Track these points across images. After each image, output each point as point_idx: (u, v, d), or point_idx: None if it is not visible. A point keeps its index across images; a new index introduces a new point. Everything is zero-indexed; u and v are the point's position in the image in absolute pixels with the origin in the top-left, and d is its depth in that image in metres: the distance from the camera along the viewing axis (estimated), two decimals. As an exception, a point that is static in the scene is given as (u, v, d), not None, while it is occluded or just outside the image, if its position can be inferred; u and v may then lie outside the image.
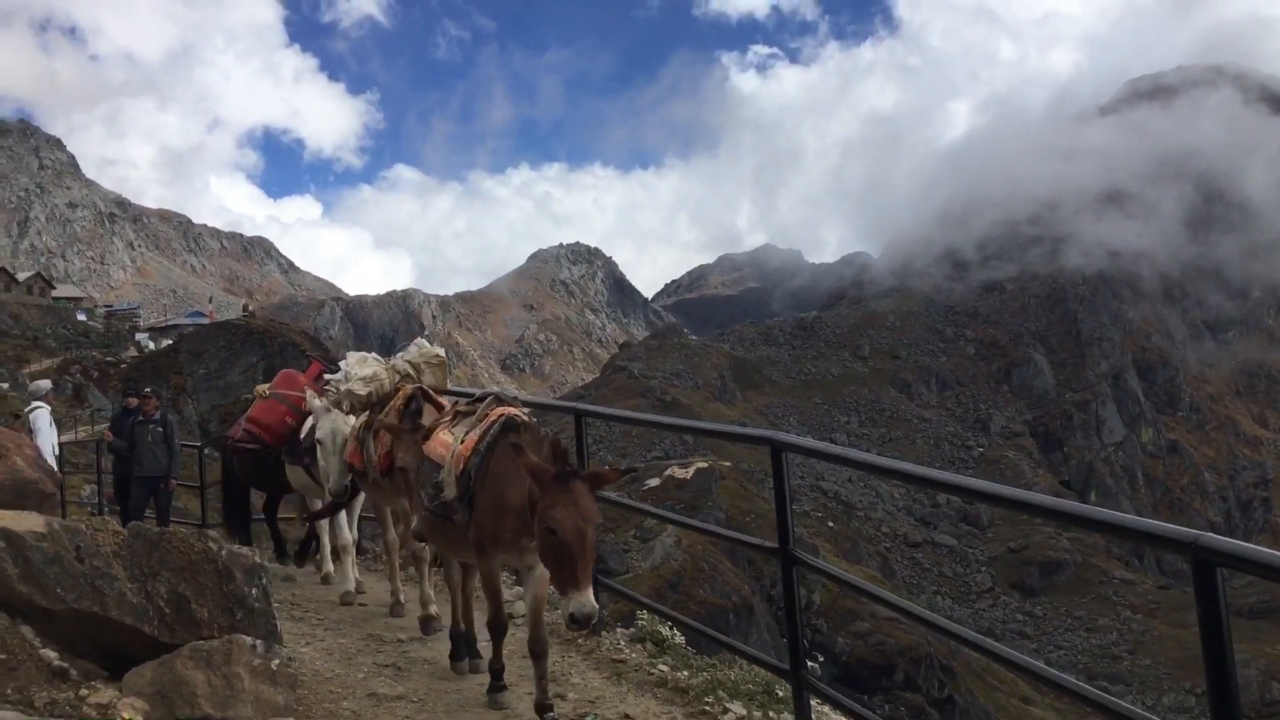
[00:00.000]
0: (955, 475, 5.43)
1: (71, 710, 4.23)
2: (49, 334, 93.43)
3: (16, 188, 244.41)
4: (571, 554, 4.88)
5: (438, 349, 9.03)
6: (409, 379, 8.60)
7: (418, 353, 8.91)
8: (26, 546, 4.80)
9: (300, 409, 10.11)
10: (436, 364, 8.86)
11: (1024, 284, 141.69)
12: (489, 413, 6.34)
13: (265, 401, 10.88)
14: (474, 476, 5.94)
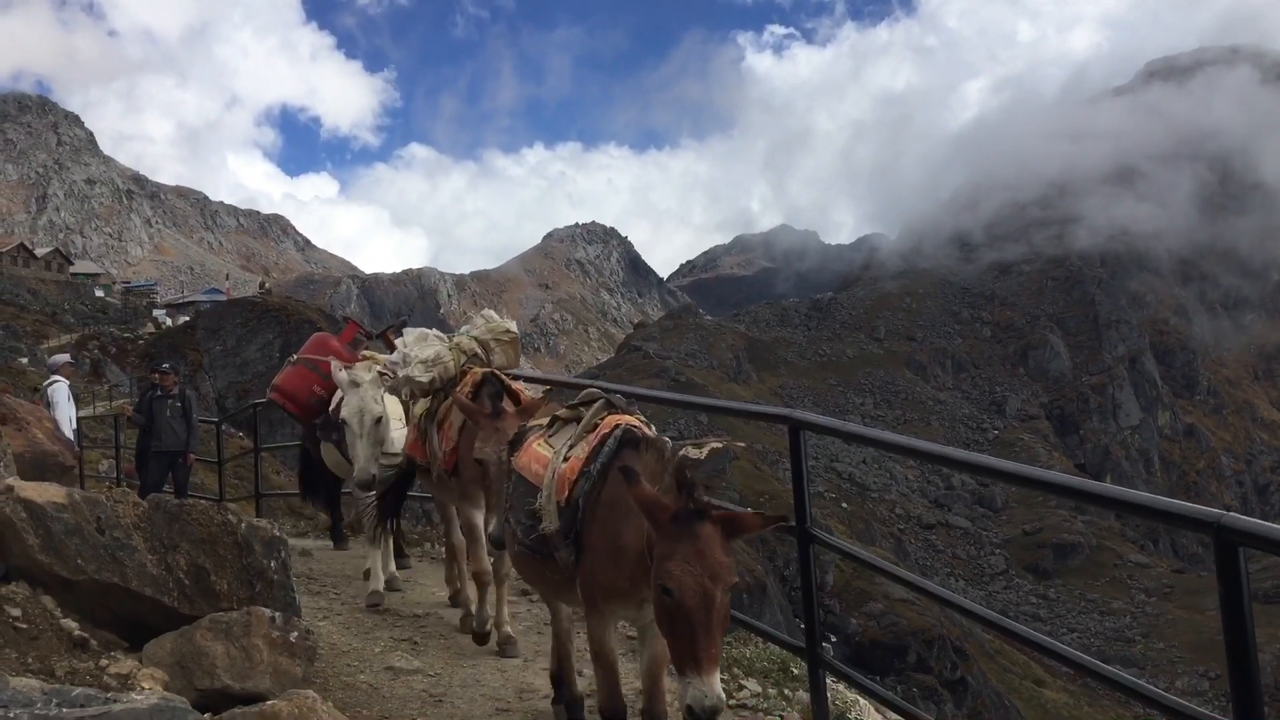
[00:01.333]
0: (973, 454, 5.39)
1: (92, 680, 4.25)
2: (67, 310, 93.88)
3: (35, 164, 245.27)
4: (692, 623, 3.66)
5: (508, 322, 7.64)
6: (476, 360, 7.32)
7: (485, 327, 7.54)
8: (47, 517, 4.82)
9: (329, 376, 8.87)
10: (508, 341, 7.53)
11: (1041, 266, 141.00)
12: (599, 422, 4.91)
13: (293, 368, 9.59)
14: (582, 506, 4.61)
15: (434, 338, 7.52)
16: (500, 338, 7.51)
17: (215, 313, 79.05)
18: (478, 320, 7.67)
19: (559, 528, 4.71)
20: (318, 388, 9.29)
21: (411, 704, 5.92)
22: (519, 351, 7.67)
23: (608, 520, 4.49)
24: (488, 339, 7.47)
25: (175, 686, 4.47)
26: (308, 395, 9.39)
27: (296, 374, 9.51)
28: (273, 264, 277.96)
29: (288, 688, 4.61)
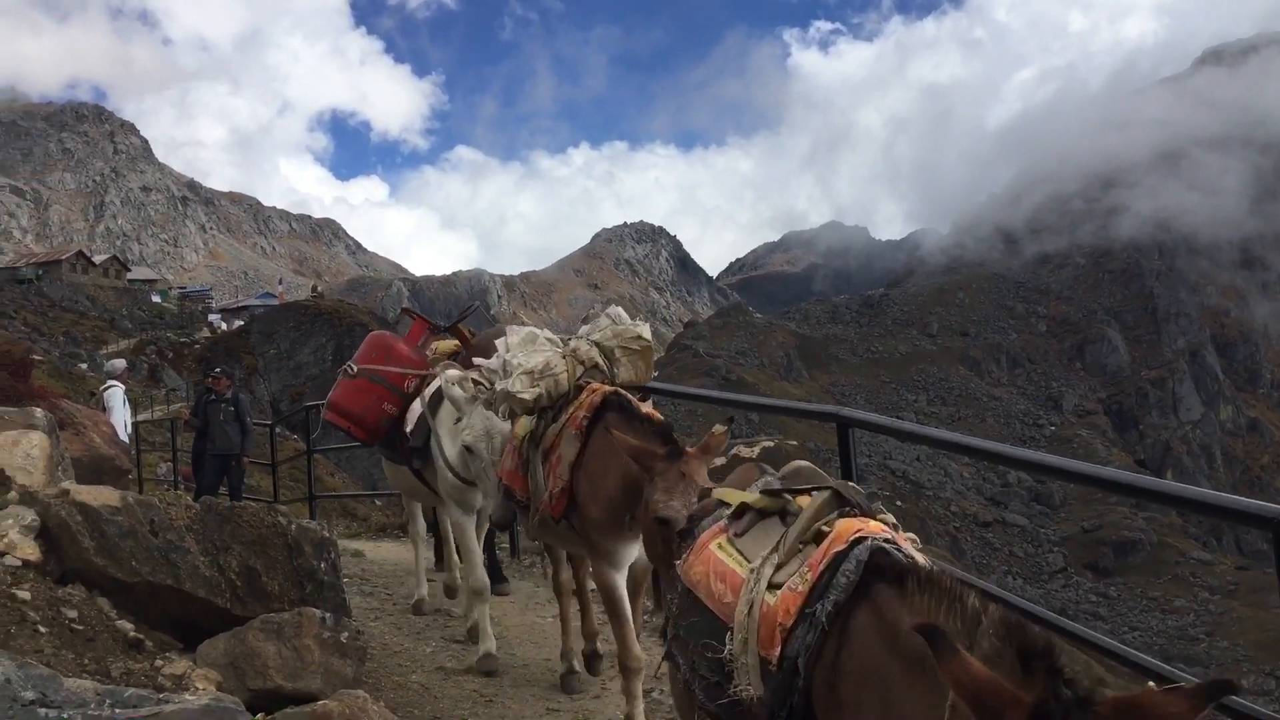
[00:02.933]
0: (1025, 450, 5.30)
1: (147, 680, 4.29)
2: (125, 315, 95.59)
3: (92, 172, 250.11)
4: None
5: (640, 326, 6.08)
6: (597, 372, 5.83)
7: (611, 330, 6.00)
8: (102, 520, 4.88)
9: (402, 390, 7.42)
10: (638, 350, 5.98)
11: (1097, 259, 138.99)
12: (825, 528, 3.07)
13: (352, 382, 7.54)
14: (805, 671, 2.84)
15: (544, 341, 6.01)
16: (629, 345, 5.95)
17: (269, 317, 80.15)
18: (601, 320, 6.11)
19: (764, 697, 2.95)
20: (389, 405, 7.43)
21: (463, 705, 5.93)
22: (651, 365, 6.11)
23: (857, 699, 2.65)
24: (612, 345, 5.93)
25: (228, 687, 4.50)
26: (377, 417, 7.47)
27: (359, 389, 7.50)
28: (325, 267, 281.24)
29: (339, 688, 4.63)
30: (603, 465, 5.13)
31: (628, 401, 5.28)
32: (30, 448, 6.35)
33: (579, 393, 5.55)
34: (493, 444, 6.22)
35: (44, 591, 4.65)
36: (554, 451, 5.50)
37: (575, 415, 5.40)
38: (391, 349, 7.65)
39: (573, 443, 5.34)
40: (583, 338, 6.03)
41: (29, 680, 2.94)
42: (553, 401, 5.68)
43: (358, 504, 27.84)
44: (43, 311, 78.92)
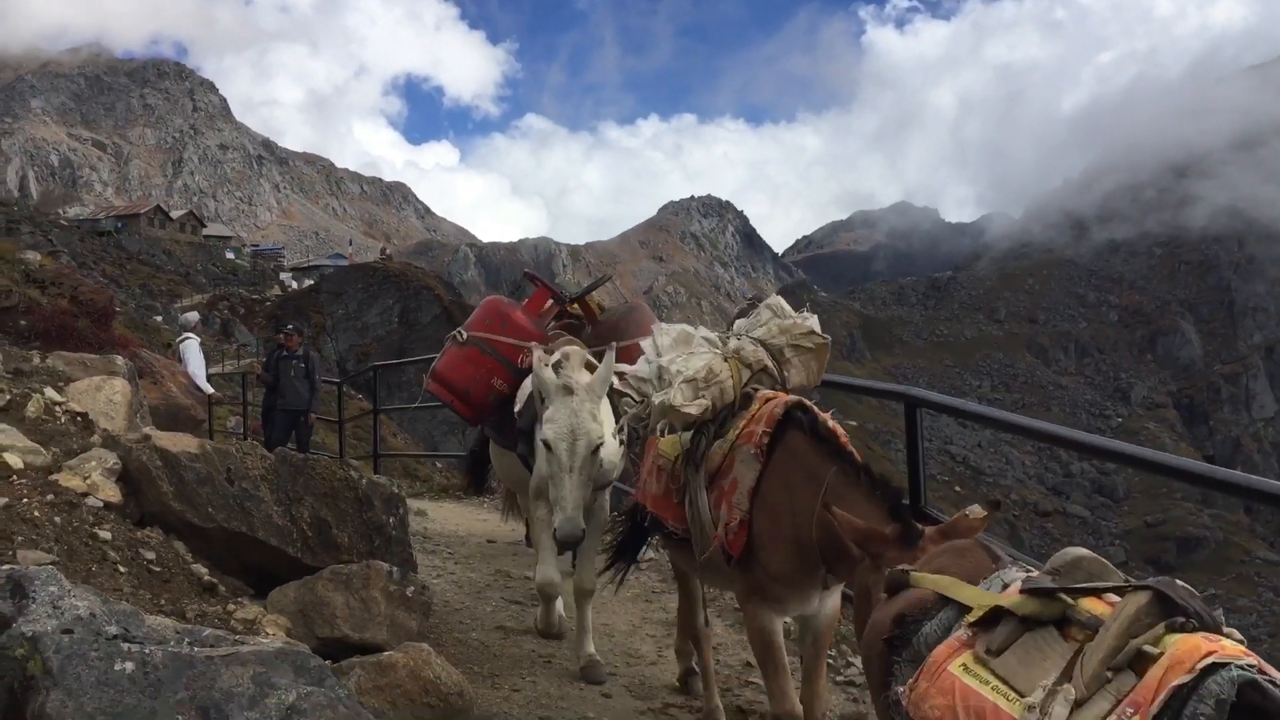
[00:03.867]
0: (1093, 436, 5.23)
1: (220, 623, 4.42)
2: (199, 271, 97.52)
3: (171, 129, 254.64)
4: None
5: (809, 319, 5.03)
6: (765, 377, 4.80)
7: (776, 326, 4.95)
8: (181, 466, 5.02)
9: (516, 365, 6.46)
10: (811, 349, 4.94)
11: (1173, 249, 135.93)
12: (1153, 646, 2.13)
13: (461, 350, 6.71)
14: None
15: (701, 341, 4.96)
16: (800, 343, 4.90)
17: (338, 277, 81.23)
18: (761, 313, 5.05)
19: None
20: (499, 380, 6.56)
21: (521, 664, 6.02)
22: (824, 366, 5.10)
23: None
24: (780, 344, 4.88)
25: (297, 634, 4.62)
26: (484, 392, 6.62)
27: (468, 360, 6.65)
28: (394, 230, 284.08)
29: (403, 640, 4.74)
30: (788, 497, 4.12)
31: (815, 417, 4.25)
32: (112, 394, 6.54)
33: (745, 402, 4.60)
34: (574, 449, 5.14)
35: (124, 533, 4.80)
36: (724, 475, 4.41)
37: (750, 431, 4.34)
38: (508, 317, 6.70)
39: (751, 465, 4.26)
40: (744, 335, 4.91)
41: (112, 615, 3.04)
42: (719, 414, 4.64)
43: (419, 464, 28.26)
44: (121, 264, 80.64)
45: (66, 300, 10.52)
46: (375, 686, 4.16)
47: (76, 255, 65.50)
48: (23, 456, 4.97)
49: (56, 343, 9.17)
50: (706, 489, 4.52)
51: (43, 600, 2.92)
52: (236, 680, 2.93)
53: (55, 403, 6.04)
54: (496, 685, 5.61)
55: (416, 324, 70.72)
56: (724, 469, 4.43)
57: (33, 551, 4.17)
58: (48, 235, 67.73)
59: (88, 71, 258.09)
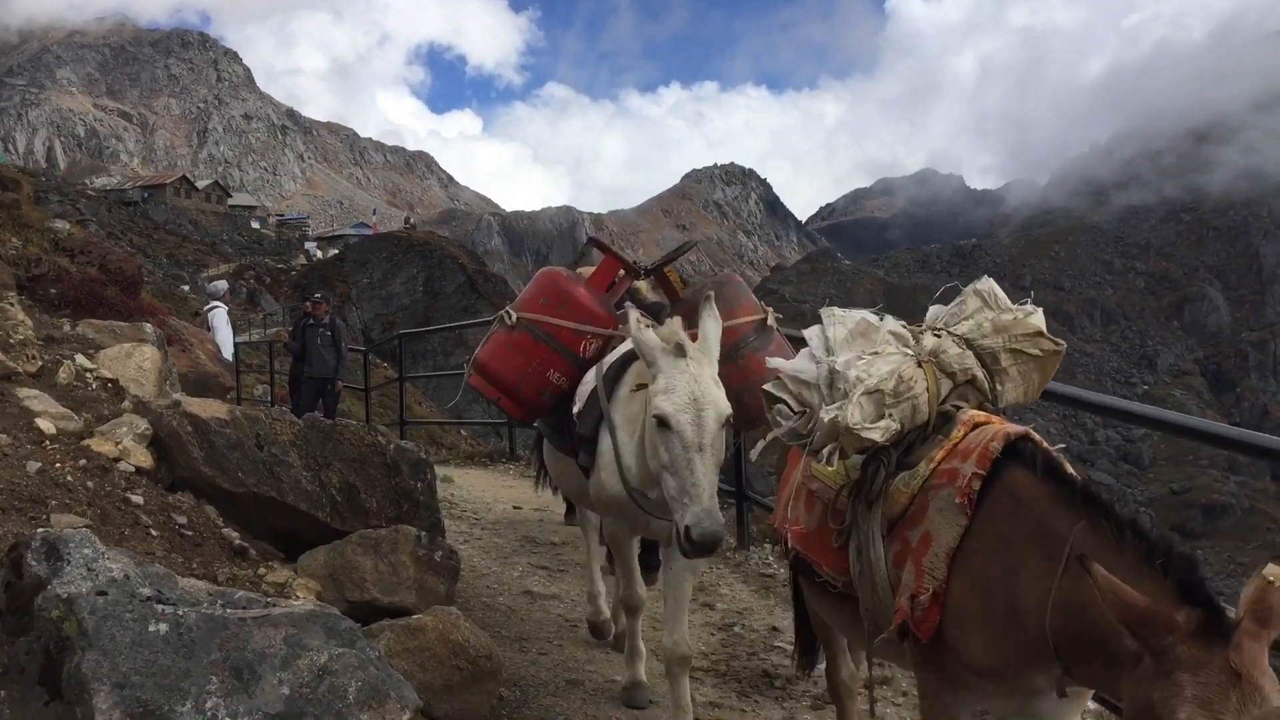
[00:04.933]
0: (1121, 400, 5.19)
1: (251, 587, 4.46)
2: (225, 240, 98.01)
3: (196, 99, 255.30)
4: None
5: (1032, 312, 3.80)
6: (973, 391, 3.61)
7: (990, 321, 3.72)
8: (211, 432, 5.06)
9: (577, 354, 5.32)
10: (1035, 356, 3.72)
11: (1202, 215, 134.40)
12: None
13: (509, 337, 5.40)
14: None
15: (887, 336, 3.71)
16: (1021, 347, 3.66)
17: (363, 246, 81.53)
18: (969, 302, 3.83)
19: None
20: (556, 374, 5.32)
21: (548, 627, 6.06)
22: (1049, 378, 3.85)
23: None
24: (995, 346, 3.63)
25: (327, 597, 4.66)
26: (538, 387, 5.35)
27: (518, 349, 5.36)
28: (417, 199, 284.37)
29: (431, 604, 4.77)
30: (1006, 564, 2.93)
31: (1048, 455, 3.08)
32: (142, 360, 6.59)
33: (942, 423, 3.41)
34: (702, 423, 3.98)
35: (155, 497, 4.84)
36: (911, 525, 3.22)
37: (952, 469, 3.15)
38: (568, 295, 5.35)
39: (953, 517, 3.08)
40: (944, 330, 3.69)
41: (146, 577, 3.07)
42: (908, 438, 3.43)
43: (444, 432, 28.38)
44: (148, 233, 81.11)
45: (95, 269, 10.60)
46: (405, 649, 4.19)
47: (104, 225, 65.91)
48: (55, 422, 5.01)
49: (86, 310, 9.24)
50: (883, 540, 3.31)
51: (77, 562, 2.95)
52: (269, 641, 2.96)
53: (86, 369, 6.09)
54: (524, 649, 5.65)
55: (441, 293, 70.90)
56: (912, 516, 3.24)
57: (66, 515, 4.21)
58: (76, 205, 68.16)
59: (112, 41, 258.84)
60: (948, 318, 3.81)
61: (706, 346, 4.24)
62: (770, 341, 5.24)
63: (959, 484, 3.09)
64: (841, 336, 3.68)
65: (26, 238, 10.44)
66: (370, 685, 3.03)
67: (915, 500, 3.24)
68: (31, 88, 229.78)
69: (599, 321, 5.31)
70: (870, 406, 3.38)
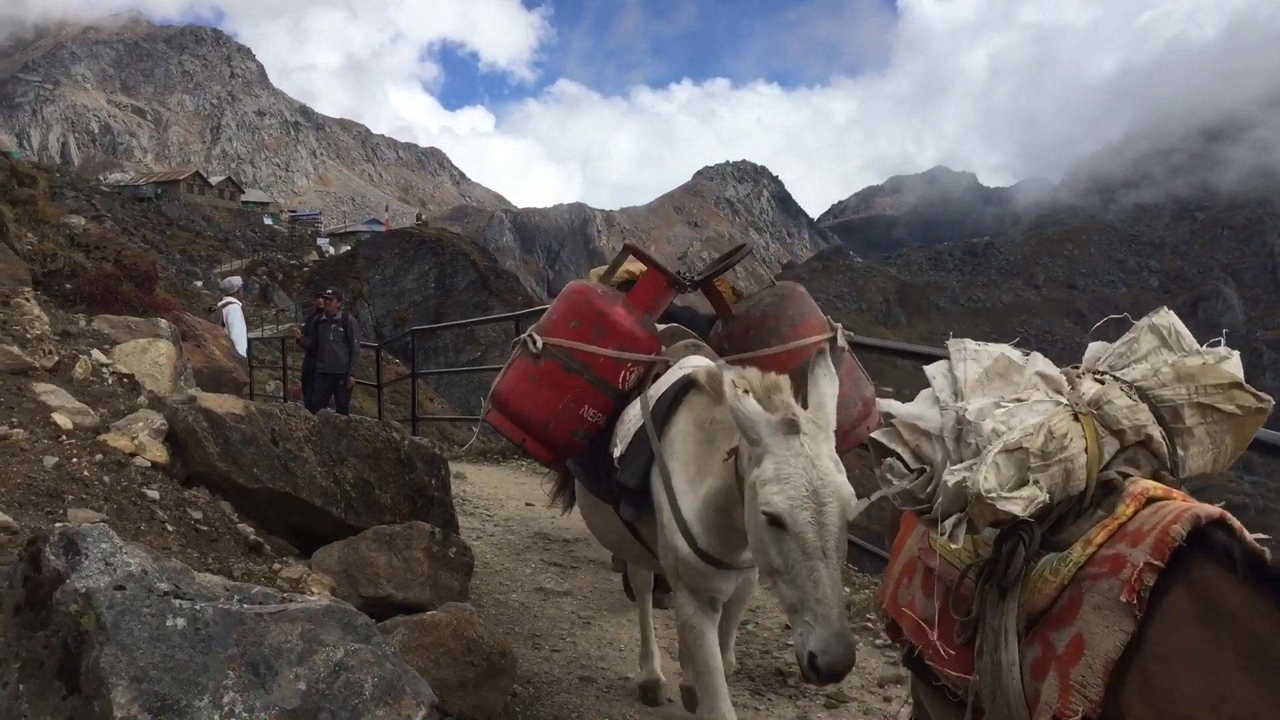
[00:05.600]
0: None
1: (266, 582, 4.47)
2: (238, 236, 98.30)
3: (210, 95, 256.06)
4: None
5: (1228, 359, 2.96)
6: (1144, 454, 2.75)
7: (1170, 367, 2.89)
8: (226, 427, 5.07)
9: (616, 386, 4.46)
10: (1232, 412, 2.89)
11: (1216, 214, 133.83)
12: None
13: (535, 366, 4.51)
14: None
15: (1034, 379, 2.88)
16: (1213, 401, 2.89)
17: (375, 243, 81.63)
18: (1142, 340, 3.03)
19: None
20: (591, 410, 4.45)
21: (561, 624, 6.06)
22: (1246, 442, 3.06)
23: None
24: (1176, 399, 2.87)
25: (342, 593, 4.67)
26: (569, 427, 4.46)
27: (546, 381, 4.46)
28: (429, 196, 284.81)
29: (446, 600, 4.78)
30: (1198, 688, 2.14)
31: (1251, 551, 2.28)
32: (158, 356, 6.61)
33: (1103, 492, 2.63)
34: (824, 522, 3.19)
35: (171, 492, 4.85)
36: (1058, 623, 2.46)
37: (1117, 556, 2.39)
38: (605, 316, 4.42)
39: (1115, 619, 2.31)
40: (1109, 375, 2.90)
41: (163, 572, 3.08)
42: (1058, 510, 2.66)
43: (455, 429, 28.44)
44: (161, 229, 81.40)
45: (110, 264, 10.63)
46: (419, 645, 4.19)
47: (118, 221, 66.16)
48: (71, 417, 5.03)
49: (101, 306, 9.28)
50: (1020, 637, 2.53)
51: (95, 557, 2.95)
52: (285, 637, 2.96)
53: (102, 364, 6.11)
54: (537, 646, 5.65)
55: (452, 289, 70.97)
56: (1059, 614, 2.46)
57: (83, 510, 4.23)
58: (90, 200, 68.45)
59: (126, 38, 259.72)
60: (1114, 359, 2.99)
61: (823, 417, 3.36)
62: (839, 365, 4.09)
63: (1125, 577, 2.31)
64: (974, 376, 2.89)
65: (42, 233, 10.48)
66: (386, 681, 3.03)
67: (1065, 593, 2.47)
68: (46, 84, 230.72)
69: (640, 346, 4.42)
70: (1010, 469, 2.59)
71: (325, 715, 2.88)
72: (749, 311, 4.62)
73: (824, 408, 3.41)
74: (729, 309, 4.73)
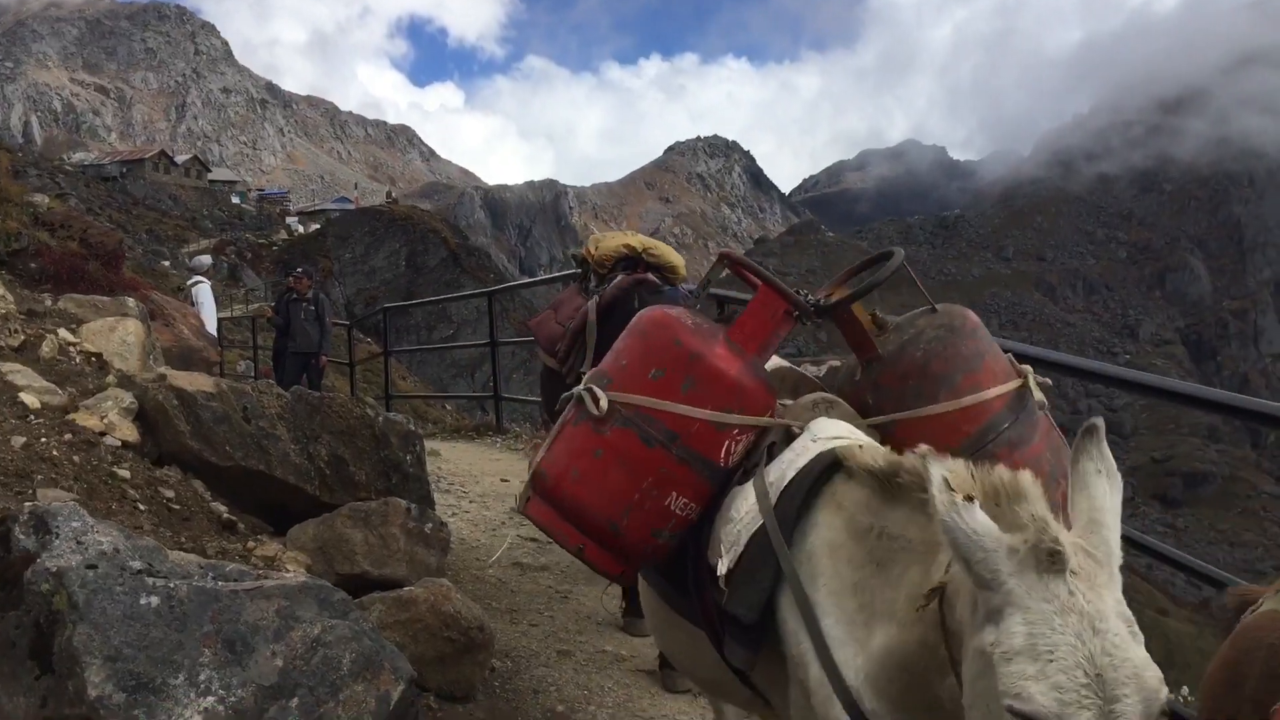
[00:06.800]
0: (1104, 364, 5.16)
1: (240, 560, 4.44)
2: (206, 215, 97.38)
3: (174, 73, 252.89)
4: None
5: None
6: None
7: None
8: (197, 405, 5.01)
9: (717, 465, 2.83)
10: None
11: (1183, 185, 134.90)
12: None
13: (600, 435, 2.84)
14: None
15: None
16: None
17: (344, 221, 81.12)
18: None
19: None
20: (682, 501, 2.84)
21: (538, 599, 6.06)
22: None
23: None
24: None
25: (317, 570, 4.64)
26: (650, 524, 2.84)
27: (619, 459, 2.83)
28: (399, 174, 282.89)
29: (422, 576, 4.76)
30: None
31: None
32: (126, 334, 6.53)
33: None
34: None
35: (142, 471, 4.80)
36: None
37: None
38: (700, 360, 2.87)
39: None
40: None
41: (136, 550, 3.05)
42: None
43: (429, 406, 28.35)
44: (127, 209, 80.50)
45: (76, 243, 10.49)
46: (396, 621, 4.18)
47: (83, 200, 65.34)
48: (39, 396, 4.96)
49: (67, 285, 9.15)
50: None
51: (66, 535, 2.92)
52: (261, 614, 2.94)
53: (69, 343, 6.03)
54: (515, 620, 5.65)
55: (424, 267, 70.62)
56: None
57: (53, 490, 4.17)
58: (55, 179, 67.54)
59: (89, 15, 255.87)
60: None
61: (1101, 546, 1.94)
62: (1034, 428, 3.06)
63: None
64: None
65: (5, 212, 10.32)
66: (364, 656, 3.02)
67: None
68: (7, 62, 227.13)
69: (753, 402, 2.88)
70: None
71: (303, 691, 2.87)
72: (904, 350, 3.10)
73: (1102, 529, 1.98)
74: (873, 345, 3.16)
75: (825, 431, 2.77)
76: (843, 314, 3.19)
